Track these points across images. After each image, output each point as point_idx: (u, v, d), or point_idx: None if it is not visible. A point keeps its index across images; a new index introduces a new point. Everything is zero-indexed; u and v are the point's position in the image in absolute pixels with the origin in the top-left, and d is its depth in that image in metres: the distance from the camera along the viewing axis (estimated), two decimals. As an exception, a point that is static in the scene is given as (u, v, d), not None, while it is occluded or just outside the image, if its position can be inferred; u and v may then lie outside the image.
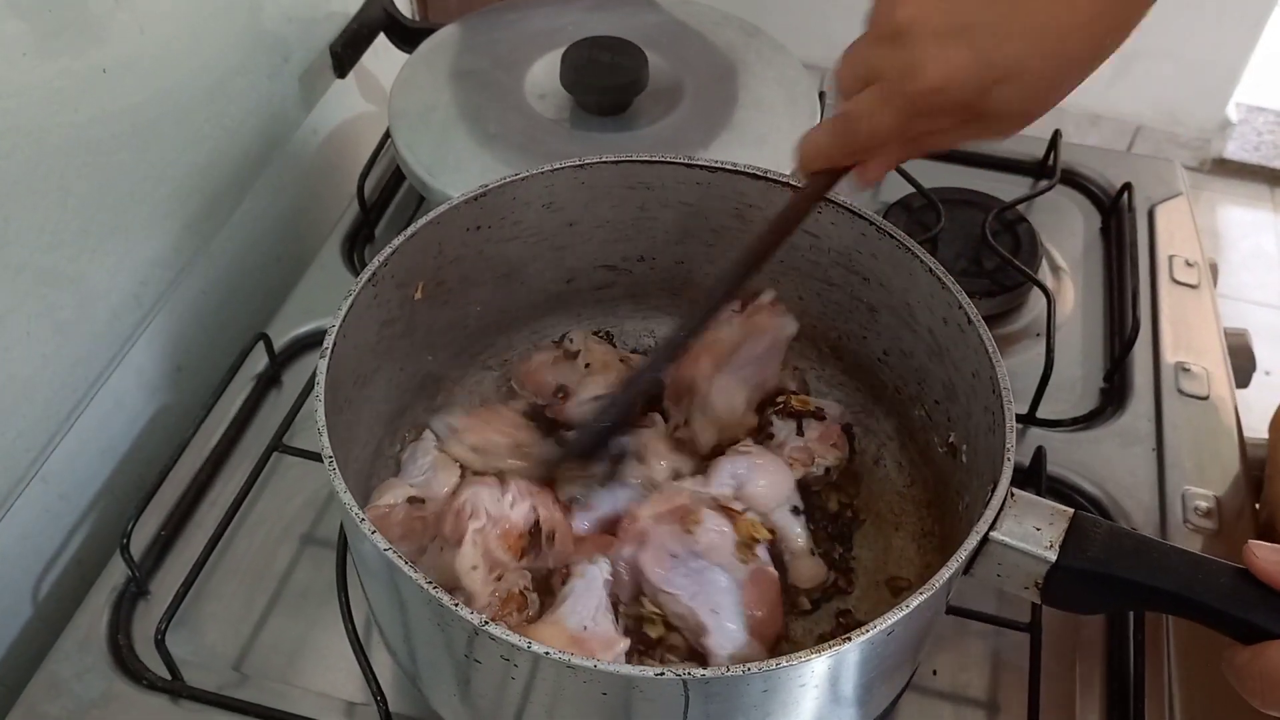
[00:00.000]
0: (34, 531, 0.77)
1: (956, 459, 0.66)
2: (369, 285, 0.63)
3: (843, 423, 0.74)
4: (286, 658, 0.70)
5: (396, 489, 0.66)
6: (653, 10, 1.00)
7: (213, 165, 0.89)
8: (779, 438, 0.72)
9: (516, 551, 0.63)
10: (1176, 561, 0.53)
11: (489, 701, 0.55)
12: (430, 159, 0.86)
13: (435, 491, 0.67)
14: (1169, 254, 0.97)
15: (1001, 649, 0.71)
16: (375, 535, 0.51)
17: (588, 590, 0.60)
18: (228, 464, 0.80)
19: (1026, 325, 0.92)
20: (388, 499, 0.65)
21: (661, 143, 0.87)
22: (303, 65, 0.99)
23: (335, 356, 0.59)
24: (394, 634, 0.60)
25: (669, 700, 0.49)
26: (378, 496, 0.66)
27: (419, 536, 0.64)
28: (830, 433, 0.72)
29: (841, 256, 0.70)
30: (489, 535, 0.62)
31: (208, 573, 0.73)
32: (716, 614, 0.60)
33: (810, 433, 0.72)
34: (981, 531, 0.53)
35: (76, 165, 0.73)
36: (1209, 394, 0.86)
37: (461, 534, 0.61)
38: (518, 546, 0.63)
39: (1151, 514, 0.78)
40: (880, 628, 0.49)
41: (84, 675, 0.68)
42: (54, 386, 0.76)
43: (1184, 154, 2.40)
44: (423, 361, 0.72)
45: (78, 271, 0.76)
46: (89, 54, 0.73)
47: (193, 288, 0.90)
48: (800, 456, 0.71)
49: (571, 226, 0.74)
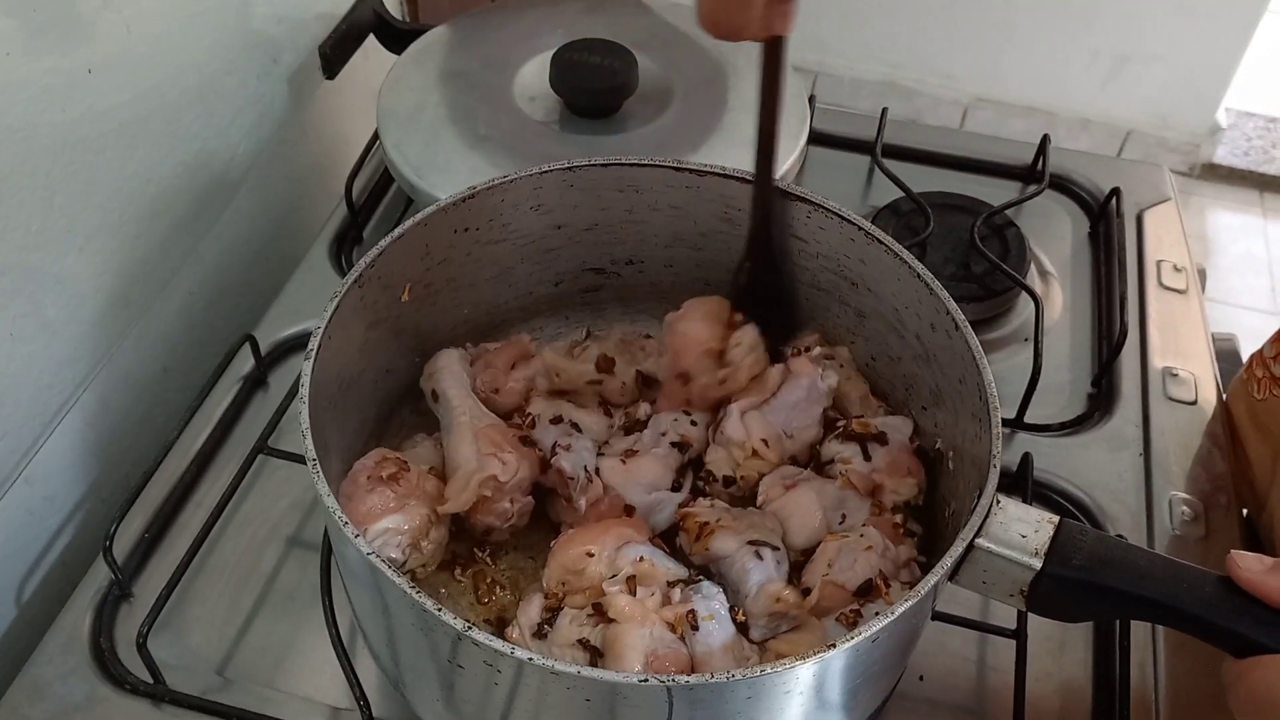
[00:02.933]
0: (18, 533, 0.76)
1: (943, 465, 0.66)
2: (355, 287, 0.62)
3: (914, 444, 0.68)
4: (271, 662, 0.70)
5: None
6: (643, 13, 1.00)
7: (201, 165, 0.89)
8: (840, 464, 0.67)
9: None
10: (1161, 570, 0.53)
11: (473, 707, 0.55)
12: (419, 160, 0.86)
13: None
14: (1157, 259, 0.97)
15: (988, 655, 0.71)
16: (359, 539, 0.51)
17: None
18: (213, 466, 0.79)
19: (1015, 330, 0.92)
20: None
21: (651, 145, 0.87)
22: (292, 66, 0.99)
23: (320, 359, 0.59)
24: (378, 639, 0.60)
25: (653, 706, 0.49)
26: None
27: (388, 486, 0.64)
28: (901, 460, 0.67)
29: (829, 261, 0.70)
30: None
31: (191, 575, 0.72)
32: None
33: (877, 459, 0.67)
34: (967, 538, 0.53)
35: (63, 164, 0.73)
36: (1196, 399, 0.86)
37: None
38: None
39: (1138, 519, 0.78)
40: (865, 634, 0.49)
41: (66, 678, 0.67)
42: (39, 386, 0.76)
43: (1174, 158, 2.41)
44: (410, 364, 0.72)
45: (64, 271, 0.75)
46: (76, 52, 0.72)
47: (180, 288, 0.90)
48: (862, 485, 0.66)
49: (560, 229, 0.74)
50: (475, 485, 0.64)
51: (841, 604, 0.61)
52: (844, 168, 1.05)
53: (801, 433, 0.70)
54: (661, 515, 0.67)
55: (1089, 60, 2.25)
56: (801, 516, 0.66)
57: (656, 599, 0.59)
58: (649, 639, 0.57)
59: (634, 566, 0.60)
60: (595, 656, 0.57)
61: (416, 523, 0.63)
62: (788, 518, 0.66)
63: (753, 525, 0.64)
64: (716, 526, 0.64)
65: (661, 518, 0.67)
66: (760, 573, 0.61)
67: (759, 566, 0.61)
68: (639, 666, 0.54)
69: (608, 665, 0.56)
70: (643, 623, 0.57)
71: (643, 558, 0.61)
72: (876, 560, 0.62)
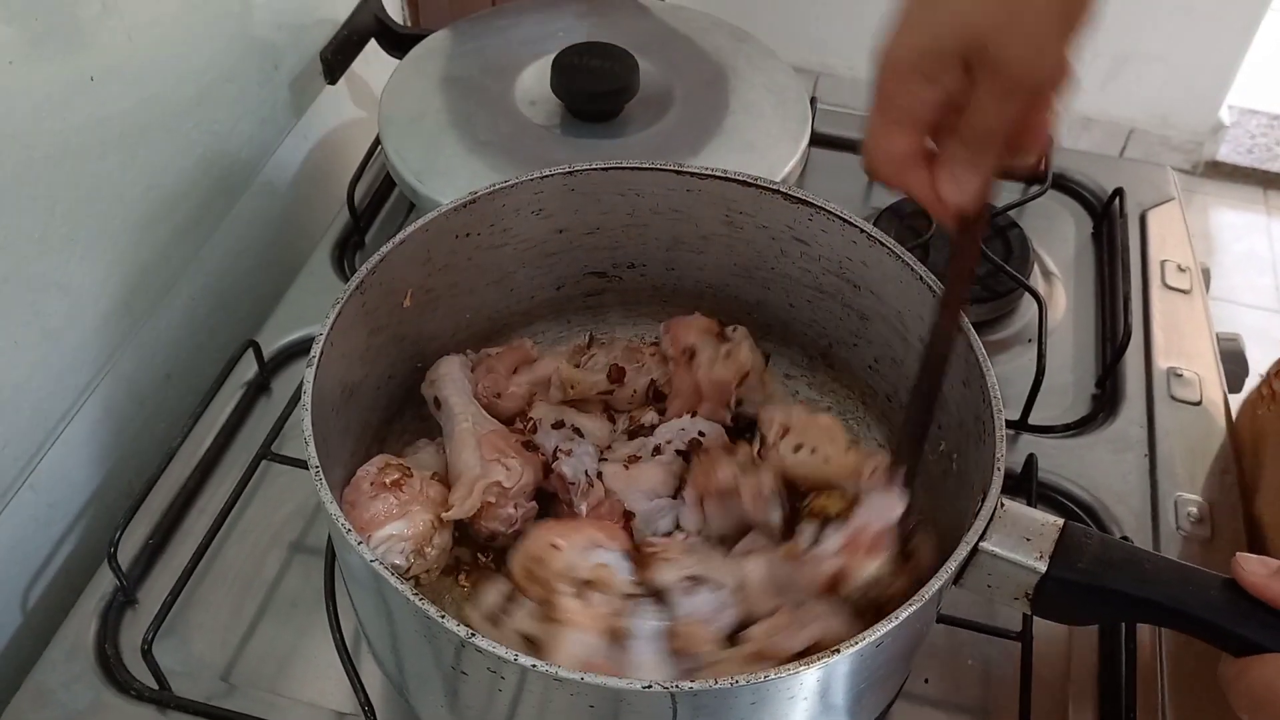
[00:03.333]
0: (22, 540, 0.76)
1: (947, 468, 0.66)
2: (357, 294, 0.62)
3: (891, 521, 0.59)
4: (275, 667, 0.70)
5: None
6: (643, 16, 1.00)
7: (202, 172, 0.89)
8: (803, 544, 0.61)
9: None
10: (1166, 573, 0.53)
11: (477, 713, 0.55)
12: (420, 165, 0.86)
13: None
14: (1161, 259, 0.97)
15: (993, 658, 0.71)
16: (362, 546, 0.51)
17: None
18: (216, 472, 0.80)
19: (1018, 331, 0.91)
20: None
21: (652, 149, 0.87)
22: (293, 72, 0.99)
23: (322, 366, 0.59)
24: (382, 645, 0.60)
25: (657, 713, 0.49)
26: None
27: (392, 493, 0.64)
28: (860, 538, 0.58)
29: (832, 264, 0.70)
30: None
31: (196, 581, 0.72)
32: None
33: (829, 542, 0.59)
34: (971, 542, 0.53)
35: (64, 172, 0.73)
36: (1201, 400, 0.86)
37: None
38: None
39: (1143, 521, 0.77)
40: (869, 639, 0.49)
41: (71, 685, 0.67)
42: (43, 394, 0.76)
43: (1177, 157, 2.40)
44: (412, 370, 0.72)
45: (66, 279, 0.76)
46: (77, 60, 0.72)
47: (182, 295, 0.90)
48: (828, 569, 0.59)
49: (561, 233, 0.73)
50: (480, 491, 0.64)
51: (774, 661, 0.57)
52: (846, 169, 1.05)
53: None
54: (662, 522, 0.67)
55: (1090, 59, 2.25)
56: (754, 593, 0.62)
57: (608, 608, 0.58)
58: (583, 645, 0.56)
59: (592, 571, 0.60)
60: (537, 651, 0.57)
61: (420, 529, 0.63)
62: (747, 584, 0.62)
63: (707, 564, 0.62)
64: (661, 558, 0.62)
65: (662, 524, 0.67)
66: (686, 607, 0.59)
67: (686, 601, 0.59)
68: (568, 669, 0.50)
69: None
70: (582, 628, 0.56)
71: (606, 565, 0.60)
72: (821, 632, 0.58)
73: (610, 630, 0.57)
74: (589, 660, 0.55)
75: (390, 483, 0.63)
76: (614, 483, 0.67)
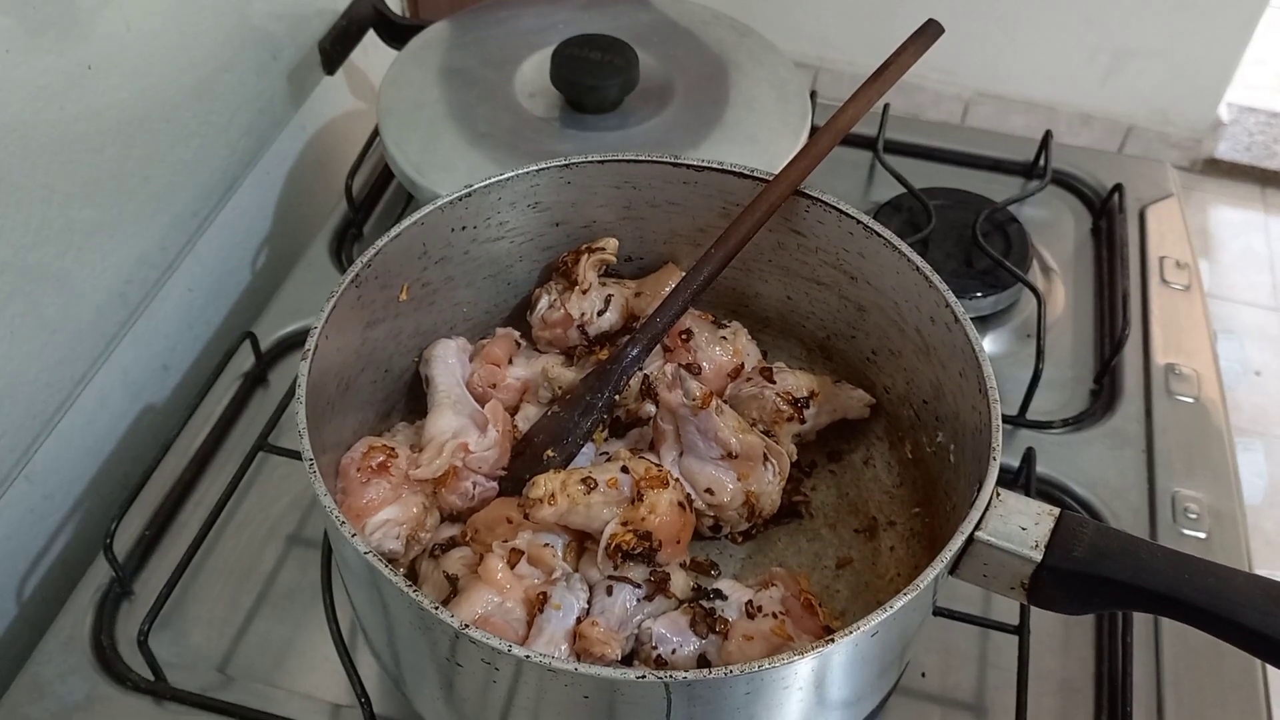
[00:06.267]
0: (18, 531, 0.76)
1: (945, 459, 0.66)
2: (352, 286, 0.62)
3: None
4: (271, 659, 0.70)
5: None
6: (644, 9, 1.00)
7: (200, 162, 0.88)
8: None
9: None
10: (1163, 562, 0.53)
11: (472, 705, 0.55)
12: (419, 157, 0.86)
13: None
14: (1159, 255, 0.97)
15: (990, 651, 0.71)
16: (357, 539, 0.51)
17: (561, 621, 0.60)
18: (213, 463, 0.79)
19: (1017, 326, 0.91)
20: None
21: (652, 141, 0.87)
22: (291, 62, 0.99)
23: (318, 359, 0.58)
24: (378, 637, 0.60)
25: (651, 703, 0.49)
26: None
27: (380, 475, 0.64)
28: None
29: (830, 256, 0.70)
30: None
31: (192, 573, 0.72)
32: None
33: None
34: (966, 531, 0.53)
35: (61, 162, 0.73)
36: (1199, 395, 0.86)
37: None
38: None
39: (1141, 516, 0.77)
40: (864, 629, 0.49)
41: (67, 677, 0.67)
42: (38, 385, 0.76)
43: (1175, 154, 2.40)
44: (409, 363, 0.72)
45: (63, 269, 0.75)
46: (75, 50, 0.72)
47: (179, 286, 0.89)
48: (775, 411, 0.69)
49: (558, 226, 0.73)
50: (449, 452, 0.65)
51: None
52: (846, 163, 1.05)
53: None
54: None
55: (1090, 55, 2.24)
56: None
57: (532, 583, 0.60)
58: (491, 605, 0.59)
59: (529, 545, 0.61)
60: (451, 594, 0.61)
61: (413, 512, 0.63)
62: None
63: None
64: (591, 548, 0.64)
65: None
66: (600, 607, 0.61)
67: (601, 601, 0.62)
68: (465, 621, 0.50)
69: (452, 608, 0.59)
70: (497, 591, 0.59)
71: (547, 544, 0.62)
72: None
73: (527, 600, 0.60)
74: (484, 616, 0.58)
75: (377, 465, 0.63)
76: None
